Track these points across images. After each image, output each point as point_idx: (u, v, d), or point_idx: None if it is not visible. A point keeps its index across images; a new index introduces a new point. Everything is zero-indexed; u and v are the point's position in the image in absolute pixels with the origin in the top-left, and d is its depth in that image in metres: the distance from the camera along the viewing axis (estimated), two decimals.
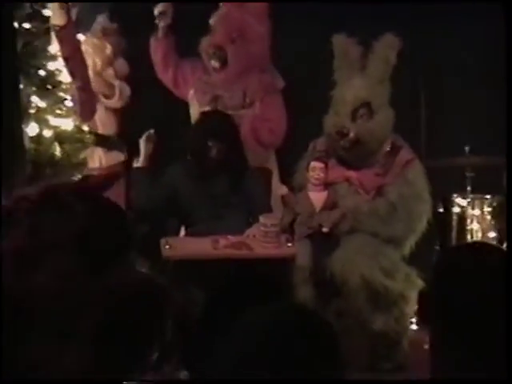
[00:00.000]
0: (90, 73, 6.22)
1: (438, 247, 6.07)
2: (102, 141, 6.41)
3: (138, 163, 5.94)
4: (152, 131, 6.07)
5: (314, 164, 5.80)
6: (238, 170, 5.76)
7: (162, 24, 6.47)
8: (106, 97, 6.48)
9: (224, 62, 6.45)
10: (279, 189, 5.88)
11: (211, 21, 6.49)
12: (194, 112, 6.54)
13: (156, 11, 6.40)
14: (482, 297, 2.15)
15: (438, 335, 2.21)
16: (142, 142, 6.02)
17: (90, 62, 6.26)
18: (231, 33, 6.42)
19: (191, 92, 6.60)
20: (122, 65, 6.56)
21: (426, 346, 2.25)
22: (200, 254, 5.23)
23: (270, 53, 6.54)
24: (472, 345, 2.15)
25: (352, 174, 5.79)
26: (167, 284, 1.98)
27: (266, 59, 6.58)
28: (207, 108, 6.36)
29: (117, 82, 6.51)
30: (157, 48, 6.60)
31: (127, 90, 6.52)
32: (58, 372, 1.71)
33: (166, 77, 6.67)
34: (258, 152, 6.29)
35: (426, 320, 2.27)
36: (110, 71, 6.51)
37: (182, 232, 5.87)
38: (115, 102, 6.51)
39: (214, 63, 6.46)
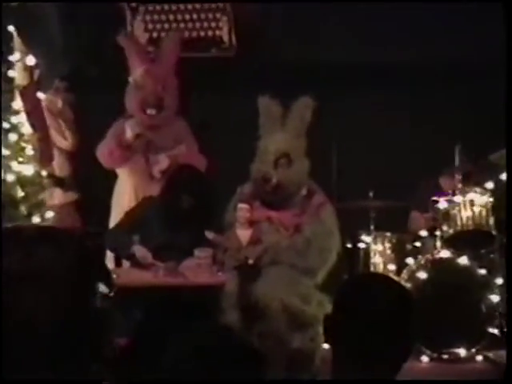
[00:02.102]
0: (48, 124, 6.24)
1: (346, 277, 6.11)
2: (59, 182, 6.40)
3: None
4: None
5: (240, 206, 5.81)
6: (201, 225, 5.60)
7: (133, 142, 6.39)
8: (60, 142, 6.50)
9: (159, 109, 6.45)
10: (207, 235, 5.77)
11: (134, 77, 6.46)
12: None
13: (130, 131, 6.35)
14: (373, 320, 2.21)
15: (337, 351, 2.27)
16: None
17: (46, 115, 6.27)
18: (158, 83, 6.44)
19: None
20: (70, 115, 6.58)
21: None
22: (142, 283, 5.24)
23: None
24: (364, 359, 2.21)
25: (274, 214, 5.78)
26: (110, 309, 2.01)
27: (179, 107, 6.60)
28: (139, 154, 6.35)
29: (67, 129, 6.53)
30: (120, 157, 6.44)
31: (77, 135, 6.55)
32: None
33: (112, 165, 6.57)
34: None
35: (329, 338, 2.32)
36: (60, 121, 6.53)
37: (126, 263, 5.80)
38: (68, 145, 6.53)
39: (151, 111, 6.43)
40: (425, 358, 5.63)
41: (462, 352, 5.65)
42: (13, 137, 5.56)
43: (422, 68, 6.95)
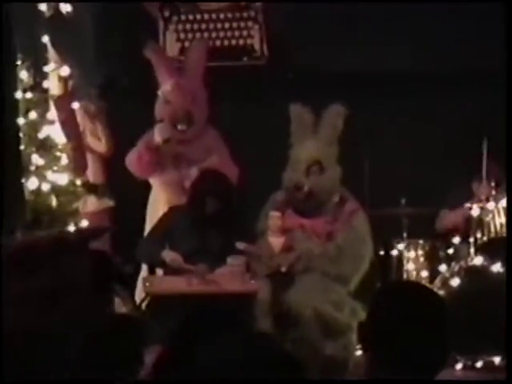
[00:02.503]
0: (82, 129, 6.31)
1: (379, 284, 6.09)
2: (93, 189, 6.44)
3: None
4: None
5: (272, 213, 5.83)
6: (227, 227, 5.69)
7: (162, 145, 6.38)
8: (95, 144, 6.55)
9: (190, 124, 6.41)
10: (238, 245, 5.78)
11: (162, 92, 6.44)
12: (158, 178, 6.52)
13: (160, 136, 6.34)
14: (409, 328, 2.22)
15: (372, 359, 2.27)
16: None
17: (81, 118, 6.34)
18: (187, 97, 6.39)
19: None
20: (104, 120, 6.64)
21: None
22: (176, 291, 5.26)
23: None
24: (399, 368, 2.21)
25: (306, 221, 5.80)
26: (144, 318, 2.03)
27: (207, 116, 6.56)
28: (171, 168, 6.37)
29: (103, 132, 6.59)
30: (148, 162, 6.43)
31: (111, 138, 6.60)
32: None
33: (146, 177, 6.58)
34: None
35: (364, 347, 2.33)
36: (96, 124, 6.59)
37: (160, 271, 5.84)
38: (103, 148, 6.57)
39: (182, 126, 6.40)
40: (459, 366, 5.60)
41: (496, 360, 5.61)
42: (47, 147, 5.61)
43: (453, 76, 6.93)
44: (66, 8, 5.47)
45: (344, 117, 5.80)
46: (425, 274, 6.20)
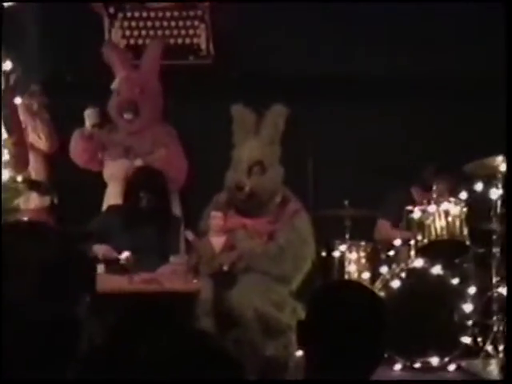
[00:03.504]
0: (24, 125, 6.24)
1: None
2: (35, 186, 6.38)
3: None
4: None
5: (213, 213, 5.83)
6: (163, 220, 5.77)
7: (91, 129, 6.41)
8: (37, 141, 6.49)
9: (136, 114, 6.48)
10: (187, 235, 5.86)
11: (113, 85, 6.52)
12: (108, 169, 6.52)
13: (88, 120, 6.37)
14: (344, 327, 2.23)
15: (309, 357, 2.28)
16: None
17: (23, 115, 6.29)
18: (135, 88, 6.48)
19: (105, 154, 6.55)
20: (46, 117, 6.58)
21: None
22: (116, 289, 5.23)
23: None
24: (335, 365, 2.22)
25: (248, 221, 5.79)
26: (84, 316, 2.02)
27: (162, 113, 6.64)
28: (120, 161, 6.37)
29: (44, 129, 6.53)
30: (83, 148, 6.49)
31: (53, 135, 6.55)
32: None
33: (84, 163, 6.59)
34: None
35: (302, 345, 2.33)
36: (37, 121, 6.53)
37: (101, 269, 5.80)
38: (45, 145, 6.52)
39: (127, 116, 6.47)
40: (397, 366, 5.66)
41: (434, 361, 5.68)
42: None
43: (395, 80, 7.00)
44: (8, 3, 5.40)
45: (285, 117, 5.82)
46: (366, 275, 6.24)
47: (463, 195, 6.07)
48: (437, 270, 5.91)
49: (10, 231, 1.89)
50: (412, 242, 6.11)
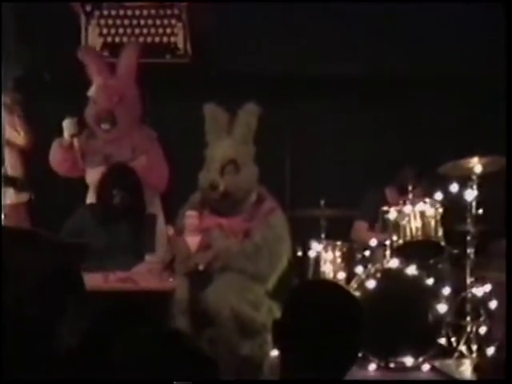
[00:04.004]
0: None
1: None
2: (11, 182, 6.36)
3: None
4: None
5: (188, 213, 5.84)
6: (136, 217, 5.79)
7: (70, 139, 6.35)
8: (14, 136, 6.46)
9: (113, 124, 6.42)
10: (168, 230, 5.90)
11: (90, 93, 6.45)
12: (89, 176, 6.47)
13: (67, 131, 6.31)
14: (321, 326, 2.24)
15: (284, 356, 2.29)
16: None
17: None
18: (112, 97, 6.41)
19: (85, 161, 6.49)
20: (20, 113, 6.55)
21: None
22: (91, 287, 5.21)
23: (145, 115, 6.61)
24: (310, 364, 2.23)
25: (223, 221, 5.79)
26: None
27: (141, 116, 6.61)
28: (100, 168, 6.33)
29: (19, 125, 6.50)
30: (63, 158, 6.45)
31: (30, 133, 6.52)
32: None
33: (65, 171, 6.55)
34: (148, 196, 6.25)
35: (277, 345, 2.34)
36: (14, 117, 6.50)
37: None
38: (21, 140, 6.49)
39: (105, 126, 6.41)
40: (372, 366, 5.69)
41: (408, 361, 5.71)
42: None
43: (372, 80, 7.03)
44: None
45: (258, 116, 5.82)
46: (341, 275, 6.24)
47: (438, 196, 6.10)
48: (412, 270, 5.94)
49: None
50: (387, 243, 6.13)
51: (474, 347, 5.69)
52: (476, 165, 5.84)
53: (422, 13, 6.87)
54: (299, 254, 6.37)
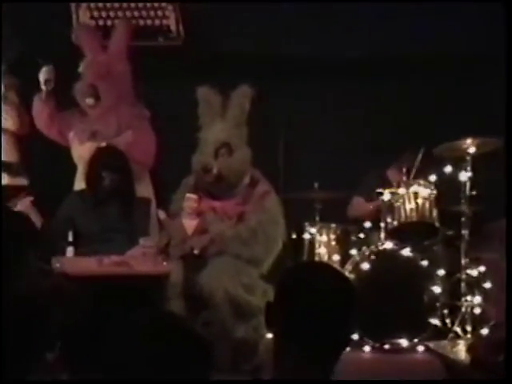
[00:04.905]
0: None
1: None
2: (5, 167, 6.36)
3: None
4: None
5: (188, 195, 5.85)
6: (127, 199, 5.78)
7: (46, 88, 6.40)
8: (9, 122, 6.46)
9: (97, 99, 6.45)
10: (159, 214, 5.91)
11: (80, 68, 6.50)
12: (76, 151, 6.51)
13: (41, 77, 6.35)
14: (313, 308, 2.24)
15: (278, 339, 2.29)
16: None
17: None
18: (99, 72, 6.45)
19: (71, 134, 6.54)
20: (15, 98, 6.54)
21: None
22: (86, 271, 5.23)
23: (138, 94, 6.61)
24: (303, 346, 2.23)
25: (217, 204, 5.83)
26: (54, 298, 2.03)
27: (131, 95, 6.62)
28: (88, 144, 6.35)
29: (12, 111, 6.50)
30: (41, 110, 6.50)
31: (23, 116, 6.52)
32: None
33: (51, 133, 6.59)
34: (137, 173, 6.27)
35: (270, 327, 2.34)
36: (7, 102, 6.49)
37: (70, 252, 5.79)
38: (15, 126, 6.48)
39: (89, 101, 6.44)
40: (367, 348, 5.71)
41: (403, 342, 5.74)
42: None
43: (367, 61, 7.01)
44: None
45: (251, 98, 5.84)
46: (336, 257, 6.26)
47: (433, 177, 6.11)
48: (406, 252, 5.96)
49: None
50: (382, 225, 6.14)
51: (469, 328, 5.71)
52: (470, 146, 5.85)
53: None
54: (294, 236, 6.38)
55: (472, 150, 5.83)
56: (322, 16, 6.95)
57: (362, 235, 6.36)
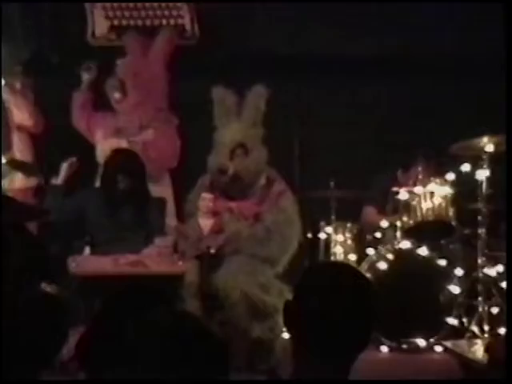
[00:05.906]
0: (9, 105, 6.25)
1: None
2: (20, 166, 6.37)
3: (56, 181, 5.89)
4: (74, 159, 6.02)
5: (204, 195, 5.85)
6: (141, 201, 5.77)
7: (85, 78, 6.54)
8: (23, 119, 6.47)
9: (125, 94, 6.56)
10: (171, 221, 5.89)
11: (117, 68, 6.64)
12: (100, 147, 6.54)
13: (82, 67, 6.48)
14: (333, 308, 2.22)
15: (296, 339, 2.27)
16: (63, 166, 5.96)
17: (7, 94, 6.28)
18: (131, 70, 6.61)
19: (99, 133, 6.60)
20: (31, 97, 6.56)
21: None
22: (102, 271, 5.23)
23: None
24: (322, 348, 2.22)
25: (233, 204, 5.82)
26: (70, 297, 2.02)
27: (161, 99, 6.65)
28: (111, 140, 6.38)
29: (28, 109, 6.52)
30: (77, 99, 6.64)
31: (38, 115, 6.54)
32: None
33: (80, 125, 6.68)
34: (155, 173, 6.27)
35: (289, 327, 2.32)
36: (22, 100, 6.51)
37: (87, 251, 5.81)
38: (30, 123, 6.50)
39: (116, 95, 6.57)
40: (384, 348, 5.68)
41: (420, 342, 5.70)
42: None
43: (383, 60, 6.98)
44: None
45: (266, 98, 5.82)
46: (352, 257, 6.23)
47: (449, 176, 6.07)
48: (423, 251, 5.92)
49: None
50: (398, 224, 6.11)
51: (486, 327, 5.67)
52: (487, 144, 5.80)
53: None
54: (309, 235, 6.36)
55: (489, 148, 5.78)
56: (337, 14, 6.93)
57: (378, 234, 6.32)
